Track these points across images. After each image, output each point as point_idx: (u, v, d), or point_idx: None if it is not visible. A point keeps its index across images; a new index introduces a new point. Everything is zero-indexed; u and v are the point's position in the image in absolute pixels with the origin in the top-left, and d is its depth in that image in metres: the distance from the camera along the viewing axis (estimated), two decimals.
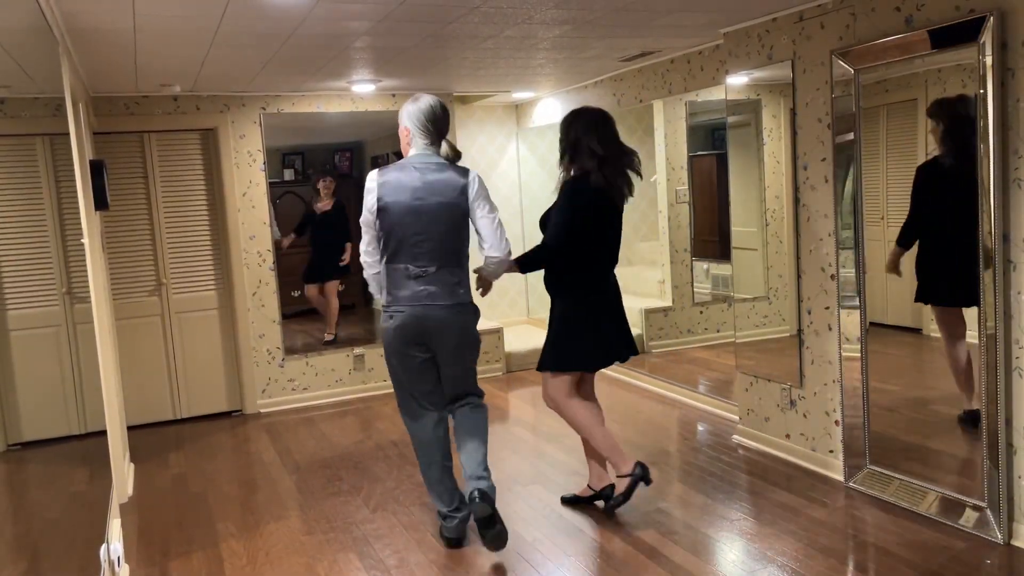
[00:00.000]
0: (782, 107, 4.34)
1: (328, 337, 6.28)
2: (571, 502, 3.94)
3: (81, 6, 3.24)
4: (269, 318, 5.94)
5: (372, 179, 3.42)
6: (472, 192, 3.42)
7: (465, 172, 3.45)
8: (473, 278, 3.67)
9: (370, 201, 3.40)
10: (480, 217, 3.43)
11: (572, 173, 3.69)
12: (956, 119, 3.44)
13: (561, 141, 3.71)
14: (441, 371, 3.53)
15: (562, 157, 3.72)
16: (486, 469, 3.51)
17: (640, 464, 3.66)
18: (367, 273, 3.54)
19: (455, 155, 3.52)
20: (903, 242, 3.73)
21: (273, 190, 5.97)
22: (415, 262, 3.39)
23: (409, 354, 3.47)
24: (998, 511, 3.30)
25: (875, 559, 3.28)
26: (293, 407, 6.01)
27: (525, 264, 3.72)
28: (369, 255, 3.50)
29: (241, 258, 5.83)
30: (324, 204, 6.27)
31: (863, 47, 3.67)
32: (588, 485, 3.94)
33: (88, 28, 3.56)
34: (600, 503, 3.87)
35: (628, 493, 3.66)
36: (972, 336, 3.42)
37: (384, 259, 3.45)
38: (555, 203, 3.71)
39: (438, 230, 3.39)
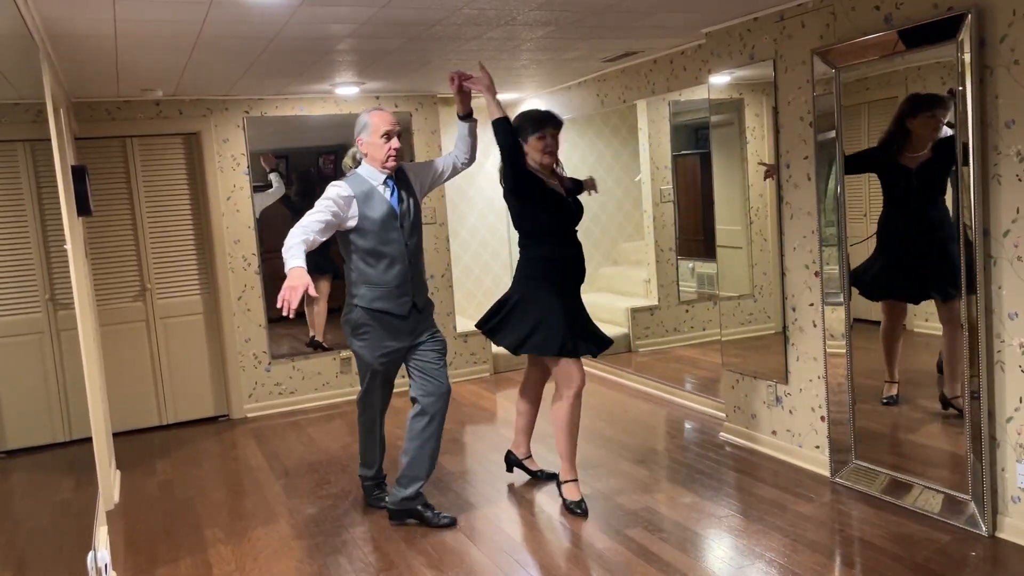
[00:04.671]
0: (764, 106, 4.37)
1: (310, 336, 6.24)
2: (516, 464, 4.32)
3: (61, 11, 3.22)
4: (255, 322, 5.91)
5: None
6: None
7: None
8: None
9: None
10: None
11: None
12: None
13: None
14: None
15: None
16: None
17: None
18: None
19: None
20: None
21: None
22: None
23: None
24: (982, 504, 3.34)
25: (861, 553, 3.31)
26: (280, 411, 5.99)
27: None
28: None
29: (226, 262, 5.80)
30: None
31: (843, 46, 3.70)
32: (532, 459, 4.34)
33: (68, 33, 3.54)
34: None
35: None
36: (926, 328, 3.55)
37: None
38: None
39: None
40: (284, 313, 3.15)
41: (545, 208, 3.81)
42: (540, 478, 4.23)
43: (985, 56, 3.17)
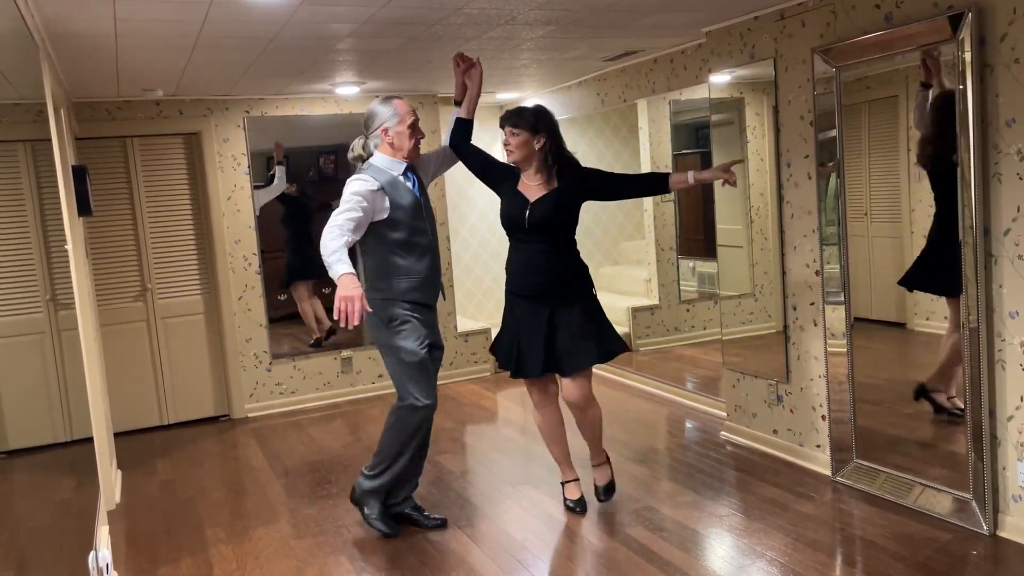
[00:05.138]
0: (765, 105, 4.37)
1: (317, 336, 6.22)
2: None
3: (61, 11, 3.22)
4: (256, 322, 5.92)
5: None
6: None
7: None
8: None
9: None
10: None
11: None
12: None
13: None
14: None
15: None
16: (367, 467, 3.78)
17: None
18: None
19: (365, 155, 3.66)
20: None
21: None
22: None
23: None
24: (983, 502, 3.34)
25: (862, 552, 3.31)
26: (281, 411, 5.99)
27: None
28: None
29: (227, 262, 5.80)
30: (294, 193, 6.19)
31: (844, 45, 3.70)
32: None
33: (69, 33, 3.54)
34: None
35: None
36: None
37: None
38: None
39: None
40: (343, 325, 3.05)
41: (506, 206, 3.69)
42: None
43: (985, 54, 3.16)
